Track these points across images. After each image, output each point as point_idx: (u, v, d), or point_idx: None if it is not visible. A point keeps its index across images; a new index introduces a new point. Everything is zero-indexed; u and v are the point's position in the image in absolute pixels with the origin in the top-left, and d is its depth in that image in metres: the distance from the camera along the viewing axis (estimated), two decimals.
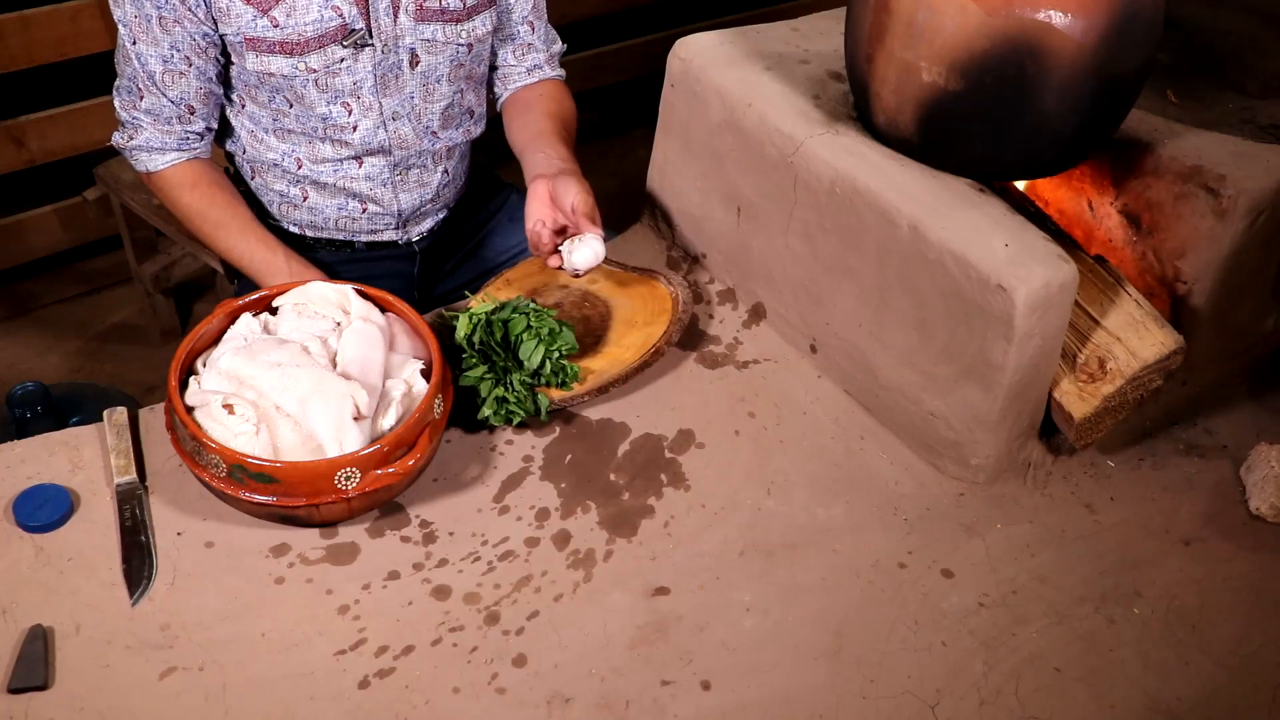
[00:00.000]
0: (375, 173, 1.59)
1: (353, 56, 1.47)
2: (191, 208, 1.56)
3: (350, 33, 1.45)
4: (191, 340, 1.35)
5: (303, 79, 1.46)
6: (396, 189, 1.62)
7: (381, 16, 1.45)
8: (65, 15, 2.28)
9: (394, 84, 1.52)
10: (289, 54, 1.43)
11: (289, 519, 1.29)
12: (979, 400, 1.37)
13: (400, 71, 1.52)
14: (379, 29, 1.46)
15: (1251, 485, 1.44)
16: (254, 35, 1.41)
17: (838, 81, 1.61)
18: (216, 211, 1.56)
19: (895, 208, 1.38)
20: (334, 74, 1.47)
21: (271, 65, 1.44)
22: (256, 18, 1.40)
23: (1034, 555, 1.36)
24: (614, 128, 3.30)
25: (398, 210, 1.64)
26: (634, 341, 1.53)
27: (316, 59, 1.45)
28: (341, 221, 1.64)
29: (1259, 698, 1.22)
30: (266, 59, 1.44)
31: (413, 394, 1.34)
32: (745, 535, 1.35)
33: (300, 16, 1.41)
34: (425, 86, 1.55)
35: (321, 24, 1.43)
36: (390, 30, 1.47)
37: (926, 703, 1.19)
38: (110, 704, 1.13)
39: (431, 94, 1.57)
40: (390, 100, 1.53)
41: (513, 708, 1.16)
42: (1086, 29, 1.27)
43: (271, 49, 1.43)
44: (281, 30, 1.41)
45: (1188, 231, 1.46)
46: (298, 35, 1.42)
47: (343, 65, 1.47)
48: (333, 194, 1.61)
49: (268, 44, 1.42)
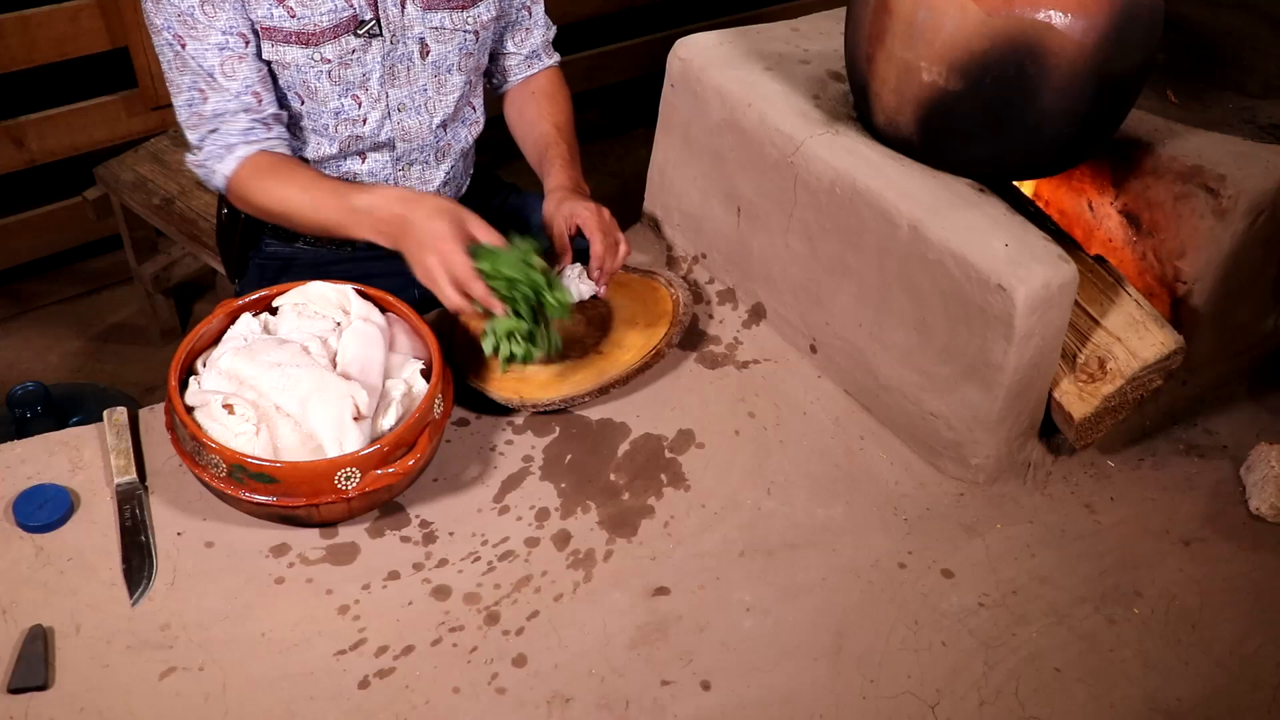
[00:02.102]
0: (378, 169, 1.59)
1: (364, 47, 1.47)
2: (271, 196, 1.44)
3: (362, 23, 1.45)
4: (191, 340, 1.35)
5: (317, 70, 1.46)
6: (399, 185, 1.62)
7: (390, 7, 1.46)
8: (65, 15, 2.28)
9: (404, 75, 1.53)
10: (304, 44, 1.43)
11: (289, 519, 1.29)
12: (979, 400, 1.37)
13: (411, 63, 1.52)
14: (387, 20, 1.47)
15: (1251, 485, 1.44)
16: (271, 25, 1.41)
17: (838, 81, 1.61)
18: (297, 193, 1.43)
19: (895, 208, 1.38)
20: (346, 65, 1.48)
21: (287, 56, 1.44)
22: (273, 6, 1.40)
23: (1034, 555, 1.36)
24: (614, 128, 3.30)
25: None
26: (634, 342, 1.53)
27: (331, 49, 1.45)
28: None
29: (1259, 698, 1.22)
30: (282, 49, 1.44)
31: (413, 394, 1.34)
32: (745, 535, 1.35)
33: (315, 7, 1.42)
34: (438, 78, 1.56)
35: (335, 14, 1.43)
36: (399, 20, 1.48)
37: (926, 703, 1.19)
38: (110, 704, 1.13)
39: (444, 85, 1.57)
40: (398, 92, 1.53)
41: (513, 708, 1.16)
42: (1086, 29, 1.27)
43: (288, 39, 1.43)
44: (298, 20, 1.42)
45: (1188, 231, 1.46)
46: (314, 25, 1.43)
47: (354, 56, 1.48)
48: None
49: (284, 34, 1.42)
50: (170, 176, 2.29)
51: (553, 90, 1.73)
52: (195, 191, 2.26)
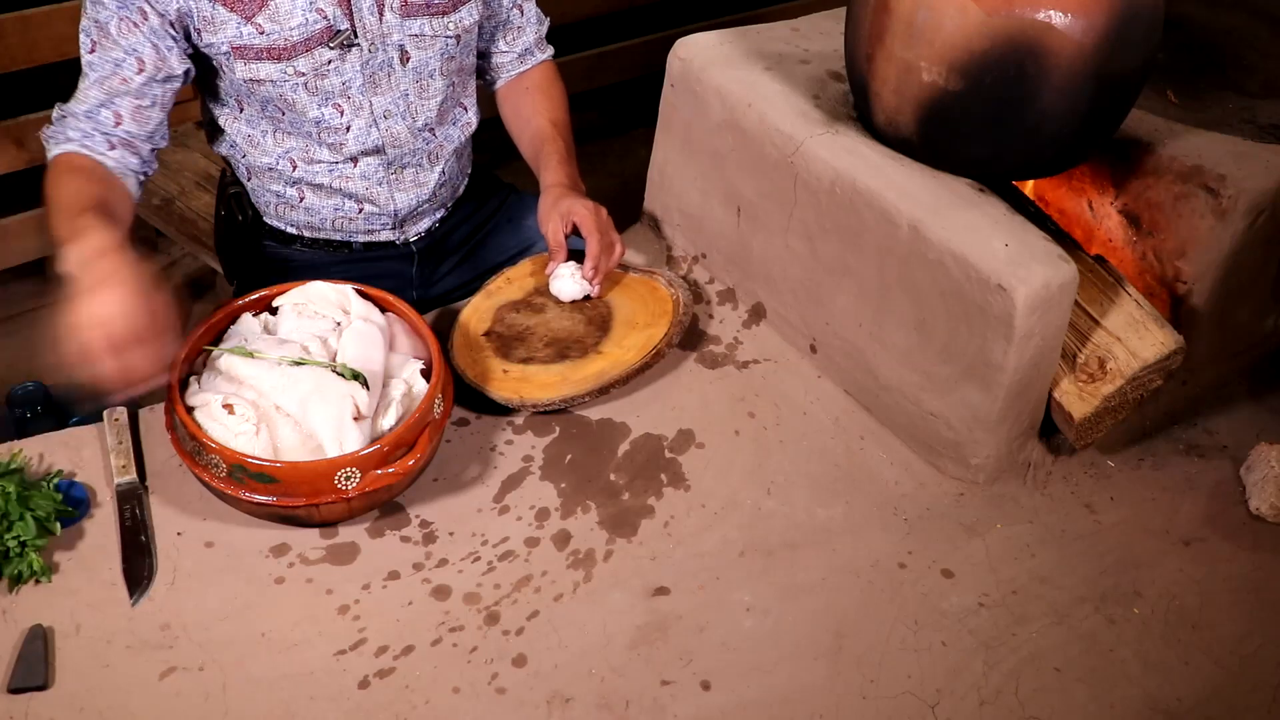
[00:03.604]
0: (370, 172, 1.59)
1: (340, 57, 1.46)
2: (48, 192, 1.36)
3: (336, 34, 1.44)
4: (191, 340, 1.35)
5: (292, 83, 1.45)
6: (392, 188, 1.62)
7: (366, 16, 1.45)
8: (65, 15, 2.27)
9: (385, 82, 1.51)
10: (277, 59, 1.43)
11: (289, 519, 1.29)
12: (979, 400, 1.37)
13: (392, 69, 1.51)
14: (364, 28, 1.45)
15: (1251, 485, 1.44)
16: (241, 43, 1.41)
17: (838, 81, 1.61)
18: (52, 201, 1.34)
19: (895, 208, 1.38)
20: (322, 76, 1.46)
21: (260, 72, 1.44)
22: (241, 25, 1.39)
23: (1034, 555, 1.36)
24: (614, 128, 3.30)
25: (394, 210, 1.64)
26: (635, 342, 1.52)
27: (304, 62, 1.44)
28: (338, 222, 1.64)
29: (1259, 698, 1.22)
30: (255, 66, 1.43)
31: (413, 394, 1.34)
32: (745, 535, 1.35)
33: (285, 21, 1.41)
34: (419, 83, 1.55)
35: (307, 27, 1.42)
36: (376, 29, 1.46)
37: (926, 703, 1.19)
38: (110, 704, 1.13)
39: (426, 90, 1.56)
40: (381, 99, 1.52)
41: (513, 708, 1.16)
42: (1086, 29, 1.27)
43: (259, 55, 1.42)
44: (268, 36, 1.41)
45: (1188, 231, 1.46)
46: (284, 40, 1.41)
47: (330, 67, 1.46)
48: (328, 194, 1.60)
49: (255, 51, 1.42)
50: (170, 177, 2.29)
51: (547, 85, 1.73)
52: (195, 192, 2.26)
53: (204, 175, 2.27)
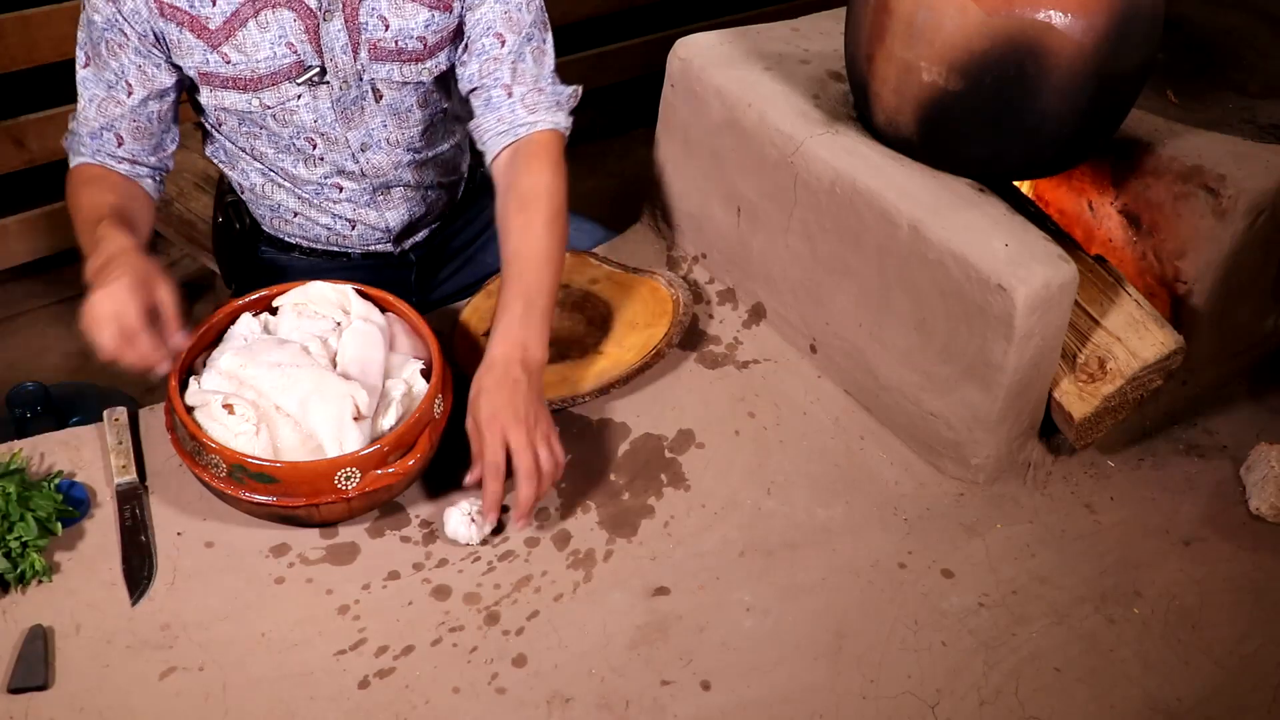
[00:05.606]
0: (356, 195, 1.56)
1: (310, 94, 1.42)
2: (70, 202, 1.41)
3: (305, 70, 1.40)
4: (191, 340, 1.35)
5: (259, 114, 1.43)
6: (382, 209, 1.59)
7: (338, 55, 1.40)
8: (65, 15, 2.27)
9: (359, 118, 1.47)
10: (242, 90, 1.40)
11: (289, 519, 1.29)
12: (979, 400, 1.37)
13: (365, 104, 1.46)
14: (335, 66, 1.41)
15: (1251, 485, 1.44)
16: (207, 70, 1.38)
17: (838, 81, 1.61)
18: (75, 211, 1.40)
19: (895, 208, 1.38)
20: (291, 111, 1.43)
21: (225, 100, 1.41)
22: (208, 53, 1.37)
23: (1034, 555, 1.36)
24: (614, 128, 3.30)
25: (387, 227, 1.62)
26: (635, 343, 1.53)
27: (270, 96, 1.41)
28: (332, 237, 1.63)
29: (1259, 698, 1.22)
30: (220, 94, 1.40)
31: (413, 394, 1.34)
32: (745, 535, 1.35)
33: (252, 53, 1.37)
34: (397, 117, 1.50)
35: (275, 61, 1.38)
36: (350, 67, 1.41)
37: (926, 703, 1.19)
38: (110, 704, 1.13)
39: (406, 121, 1.51)
40: (356, 133, 1.48)
41: (513, 708, 1.16)
42: (1086, 29, 1.27)
43: (225, 84, 1.39)
44: (234, 66, 1.38)
45: (1188, 231, 1.46)
46: (251, 72, 1.38)
47: (300, 102, 1.42)
48: (320, 212, 1.58)
49: (220, 79, 1.39)
50: (169, 178, 2.27)
51: (533, 192, 1.40)
52: (194, 193, 2.25)
53: (203, 177, 2.26)
